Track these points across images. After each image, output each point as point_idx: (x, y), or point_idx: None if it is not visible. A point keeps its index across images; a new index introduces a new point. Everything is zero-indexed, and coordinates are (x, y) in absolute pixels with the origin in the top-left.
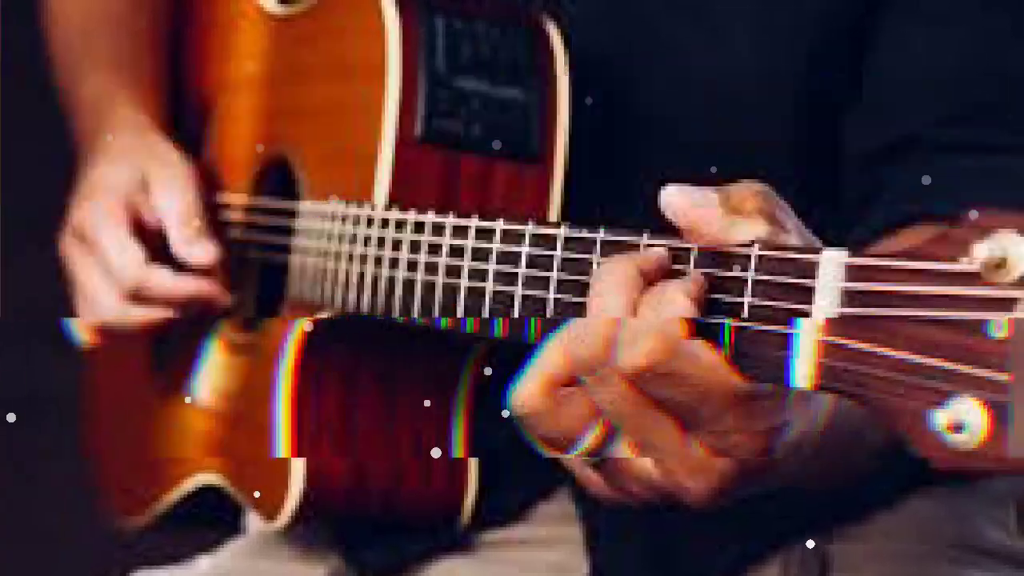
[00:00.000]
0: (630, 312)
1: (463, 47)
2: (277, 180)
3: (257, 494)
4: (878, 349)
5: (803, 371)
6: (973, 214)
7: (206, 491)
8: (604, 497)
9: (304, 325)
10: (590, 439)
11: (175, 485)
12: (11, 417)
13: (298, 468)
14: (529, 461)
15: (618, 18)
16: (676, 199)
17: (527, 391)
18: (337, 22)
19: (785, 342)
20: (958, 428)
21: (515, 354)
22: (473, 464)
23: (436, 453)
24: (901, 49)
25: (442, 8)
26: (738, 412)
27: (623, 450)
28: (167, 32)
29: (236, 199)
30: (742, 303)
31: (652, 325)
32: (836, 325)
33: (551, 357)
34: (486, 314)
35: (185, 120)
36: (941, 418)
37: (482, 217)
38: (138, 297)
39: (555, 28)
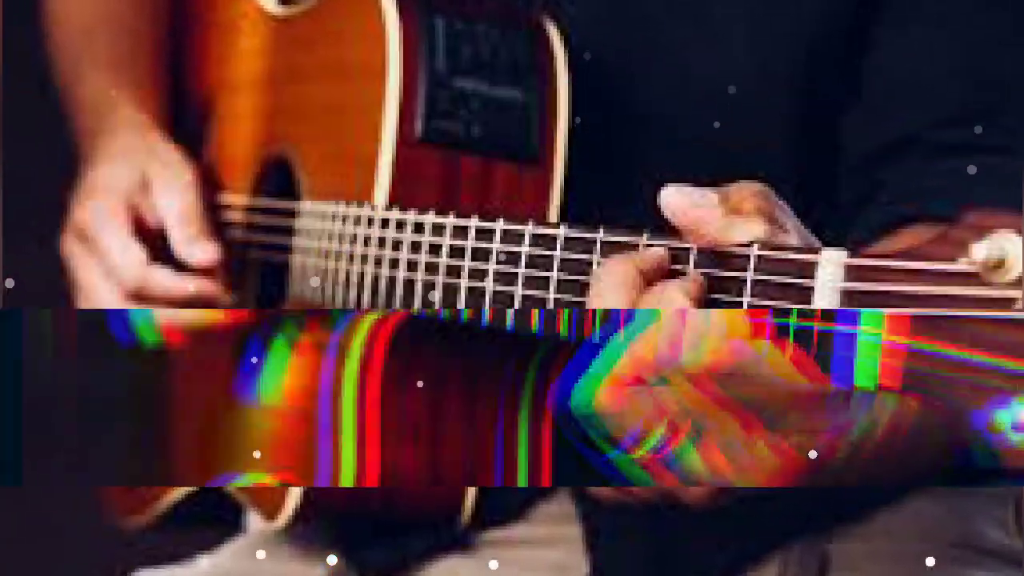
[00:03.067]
0: None
1: (463, 47)
2: (277, 180)
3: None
4: (942, 348)
5: (867, 371)
6: (971, 215)
7: (207, 490)
8: (604, 497)
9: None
10: (655, 438)
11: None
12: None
13: None
14: None
15: (618, 19)
16: (675, 199)
17: (592, 390)
18: (337, 23)
19: (849, 342)
20: (1022, 428)
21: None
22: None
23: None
24: (899, 50)
25: (442, 9)
26: (802, 411)
27: (687, 450)
28: (167, 32)
29: (236, 199)
30: (741, 303)
31: (716, 325)
32: (900, 324)
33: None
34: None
35: (185, 120)
36: (1005, 418)
37: (482, 217)
38: (139, 297)
39: (555, 29)
